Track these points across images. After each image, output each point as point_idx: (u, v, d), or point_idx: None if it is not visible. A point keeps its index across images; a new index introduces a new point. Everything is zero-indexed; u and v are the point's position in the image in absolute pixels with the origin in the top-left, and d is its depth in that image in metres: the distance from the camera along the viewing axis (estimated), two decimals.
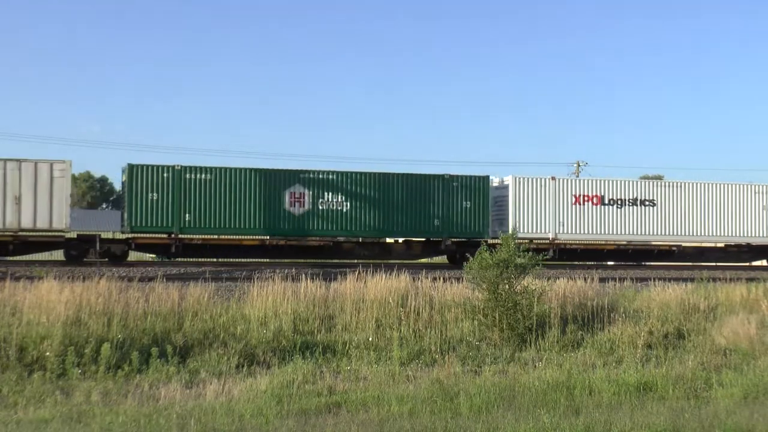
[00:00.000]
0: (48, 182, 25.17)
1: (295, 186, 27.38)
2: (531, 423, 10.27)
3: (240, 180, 26.96)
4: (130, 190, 26.10)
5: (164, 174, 26.30)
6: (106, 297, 15.58)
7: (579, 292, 18.58)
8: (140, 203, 26.10)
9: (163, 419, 10.30)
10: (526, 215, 29.41)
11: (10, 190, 24.87)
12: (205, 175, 26.67)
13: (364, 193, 27.96)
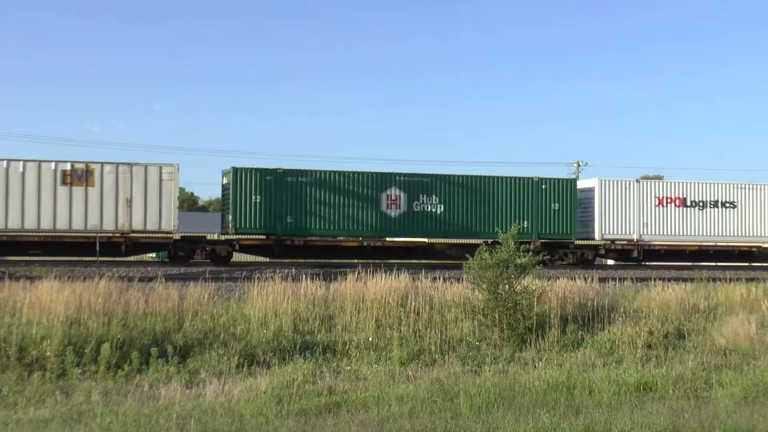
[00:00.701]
0: (157, 185, 25.96)
1: (391, 188, 28.09)
2: (531, 423, 10.28)
3: (339, 183, 27.69)
4: (234, 193, 26.73)
5: (267, 177, 27.02)
6: (106, 297, 15.58)
7: (579, 292, 18.58)
8: (244, 206, 26.77)
9: (163, 419, 10.30)
10: (610, 217, 30.34)
11: (122, 193, 25.66)
12: (305, 178, 27.38)
13: (456, 195, 28.73)
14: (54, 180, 25.07)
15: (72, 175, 25.19)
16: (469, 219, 28.69)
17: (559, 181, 30.01)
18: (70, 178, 25.17)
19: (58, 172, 25.11)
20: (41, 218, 24.88)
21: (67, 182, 25.17)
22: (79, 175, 25.28)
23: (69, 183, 25.17)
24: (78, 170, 25.29)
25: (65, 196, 25.12)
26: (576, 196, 29.97)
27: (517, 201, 29.10)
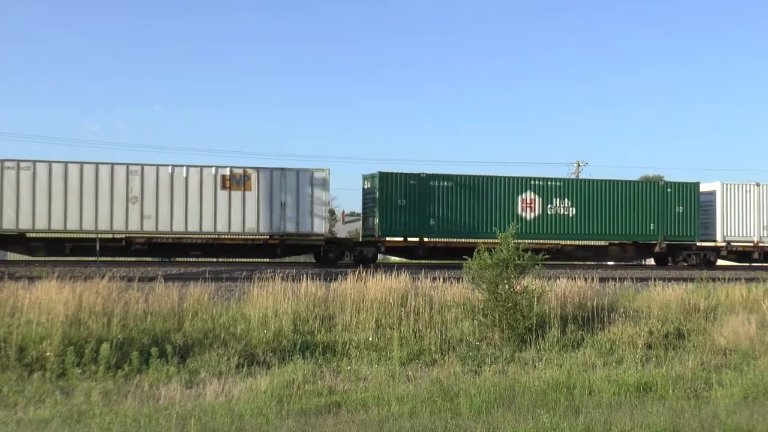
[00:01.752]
0: (309, 190, 27.10)
1: (526, 192, 29.41)
2: (531, 423, 10.28)
3: (478, 187, 29.00)
4: (380, 197, 28.04)
5: (411, 181, 28.30)
6: (106, 297, 15.59)
7: (579, 292, 18.58)
8: (389, 209, 28.05)
9: (163, 419, 10.31)
10: (731, 219, 31.48)
11: (277, 197, 26.86)
12: (447, 183, 28.64)
13: (587, 199, 30.01)
14: (215, 184, 26.34)
15: (231, 180, 26.52)
16: (598, 221, 30.06)
17: (683, 185, 31.28)
18: (229, 183, 26.47)
19: (218, 177, 26.41)
20: (203, 221, 26.16)
21: (226, 187, 26.41)
22: (238, 179, 26.57)
23: (228, 187, 26.42)
24: (236, 175, 26.58)
25: (225, 200, 26.36)
26: (699, 199, 31.19)
27: (644, 204, 30.59)
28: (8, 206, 24.95)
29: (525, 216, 29.14)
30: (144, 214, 25.86)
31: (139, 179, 25.86)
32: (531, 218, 29.29)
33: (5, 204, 24.91)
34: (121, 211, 25.72)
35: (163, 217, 25.96)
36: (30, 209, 25.06)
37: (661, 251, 30.88)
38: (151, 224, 25.99)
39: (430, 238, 28.26)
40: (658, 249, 30.78)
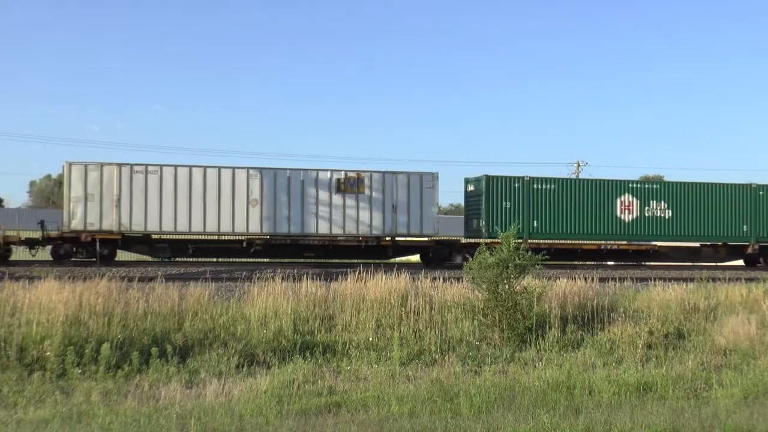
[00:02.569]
0: (419, 192, 28.07)
1: (624, 195, 30.45)
2: (531, 423, 10.27)
3: (578, 189, 30.15)
4: (486, 199, 29.14)
5: (515, 184, 29.49)
6: (106, 297, 15.58)
7: (579, 292, 18.56)
8: (495, 211, 29.16)
9: (163, 419, 10.30)
10: None
11: (388, 200, 27.85)
12: (549, 185, 29.83)
13: (682, 201, 30.90)
14: (330, 188, 27.38)
15: (346, 183, 27.55)
16: (692, 223, 30.89)
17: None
18: (344, 186, 27.53)
19: (333, 181, 27.47)
20: (319, 224, 27.23)
21: (341, 190, 27.50)
22: (352, 183, 27.63)
23: (343, 191, 27.50)
24: (351, 178, 27.64)
25: (340, 203, 27.42)
26: None
27: (737, 206, 31.31)
28: (137, 209, 26.00)
29: (623, 218, 30.31)
30: (263, 216, 26.89)
31: (259, 182, 26.97)
32: (629, 220, 30.35)
33: (134, 207, 25.98)
34: (242, 213, 26.72)
35: (281, 219, 26.99)
36: (157, 212, 26.18)
37: (753, 252, 31.66)
38: (269, 226, 27.00)
39: (534, 239, 29.05)
40: (750, 250, 31.61)
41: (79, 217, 25.71)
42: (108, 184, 25.86)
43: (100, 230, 25.83)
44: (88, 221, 25.71)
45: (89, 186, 25.75)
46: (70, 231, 25.77)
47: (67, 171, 25.90)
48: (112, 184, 25.87)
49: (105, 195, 25.81)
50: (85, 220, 25.71)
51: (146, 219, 26.03)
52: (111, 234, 26.00)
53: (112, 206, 25.82)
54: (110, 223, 25.86)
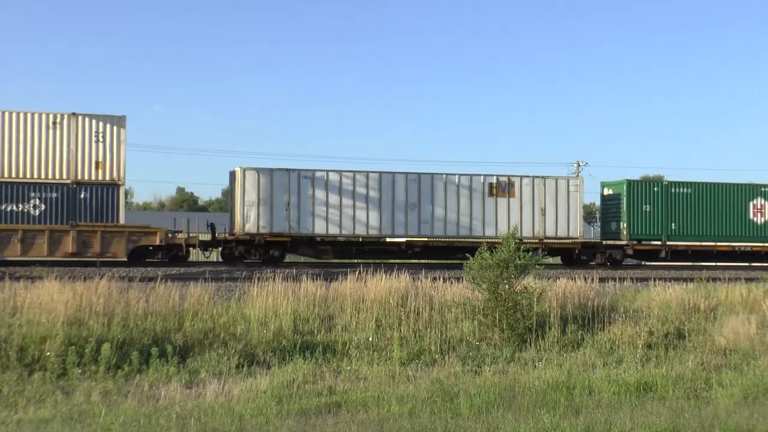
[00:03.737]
0: (565, 196, 29.39)
1: (757, 198, 31.55)
2: (531, 423, 10.27)
3: (713, 193, 31.11)
4: (628, 203, 30.34)
5: (654, 188, 30.95)
6: (106, 297, 15.57)
7: (579, 292, 18.56)
8: (636, 214, 30.29)
9: (163, 419, 10.30)
10: None
11: (537, 203, 29.01)
12: (686, 189, 30.96)
13: None
14: (483, 191, 28.49)
15: (497, 187, 28.71)
16: None
17: None
18: (495, 190, 28.66)
19: (485, 185, 28.62)
20: (473, 226, 28.38)
21: (493, 194, 28.62)
22: (503, 187, 28.80)
23: (495, 194, 28.63)
24: (502, 183, 28.84)
25: (492, 206, 28.57)
26: None
27: None
28: (305, 212, 27.27)
29: (756, 220, 31.37)
30: (421, 219, 28.03)
31: (417, 187, 28.05)
32: (761, 223, 31.41)
33: (302, 210, 27.23)
34: (401, 217, 27.85)
35: (438, 222, 28.14)
36: (324, 215, 27.47)
37: None
38: (427, 229, 28.12)
39: (672, 240, 30.32)
40: None
41: (252, 220, 26.89)
42: (278, 189, 27.14)
43: (271, 233, 27.02)
44: (261, 224, 26.92)
45: (261, 191, 27.00)
46: (244, 233, 26.90)
47: (240, 176, 27.07)
48: (283, 189, 27.16)
49: (276, 199, 27.05)
50: (258, 223, 26.90)
51: (313, 222, 27.38)
52: (281, 236, 27.19)
53: (282, 210, 27.08)
54: (281, 226, 27.12)
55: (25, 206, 24.86)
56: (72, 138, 25.16)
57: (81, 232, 24.95)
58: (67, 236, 24.86)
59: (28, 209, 24.89)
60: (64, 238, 24.85)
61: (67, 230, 24.86)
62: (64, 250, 24.85)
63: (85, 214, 25.17)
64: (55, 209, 25.04)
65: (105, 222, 25.37)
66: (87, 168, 25.33)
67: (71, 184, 25.18)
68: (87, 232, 25.07)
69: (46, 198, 24.98)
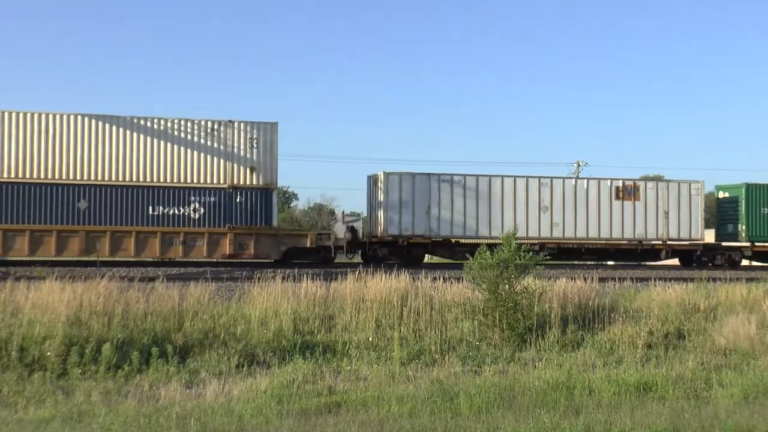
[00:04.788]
0: (687, 199, 30.77)
1: None
2: (531, 423, 10.28)
3: None
4: (746, 206, 31.61)
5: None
6: (106, 297, 15.58)
7: (579, 292, 18.56)
8: (754, 216, 31.55)
9: (163, 419, 10.31)
10: None
11: (661, 207, 30.45)
12: None
13: None
14: (609, 195, 29.96)
15: (623, 191, 30.12)
16: None
17: None
18: (621, 194, 30.10)
19: (612, 189, 30.06)
20: (601, 228, 29.83)
21: (619, 197, 30.08)
22: (629, 190, 30.24)
23: (621, 198, 30.08)
24: (627, 187, 30.31)
25: (618, 209, 30.03)
26: None
27: None
28: (444, 215, 28.61)
29: None
30: (552, 222, 29.46)
31: (549, 190, 29.50)
32: None
33: (441, 213, 28.60)
34: (535, 219, 29.23)
35: (569, 224, 29.54)
36: (462, 217, 28.78)
37: None
38: (558, 231, 29.57)
39: None
40: None
41: (395, 222, 28.21)
42: (419, 193, 28.41)
43: (413, 235, 28.29)
44: (403, 227, 28.22)
45: (404, 194, 28.31)
46: (388, 235, 28.09)
47: (383, 180, 28.35)
48: (424, 193, 28.44)
49: (417, 202, 28.29)
50: (401, 225, 28.18)
51: (451, 224, 28.68)
52: (422, 238, 28.46)
53: (423, 213, 28.34)
54: (422, 228, 28.35)
55: (186, 210, 26.06)
56: (229, 144, 26.43)
57: (237, 235, 26.18)
58: (224, 239, 26.07)
59: (189, 213, 26.09)
60: (222, 240, 26.07)
61: (224, 233, 26.06)
62: (222, 252, 26.13)
63: (240, 218, 26.33)
64: (213, 213, 26.25)
65: (259, 225, 26.53)
66: (242, 173, 26.52)
67: (228, 189, 26.29)
68: (243, 235, 26.25)
69: (205, 202, 26.18)
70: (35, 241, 24.84)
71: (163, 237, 25.64)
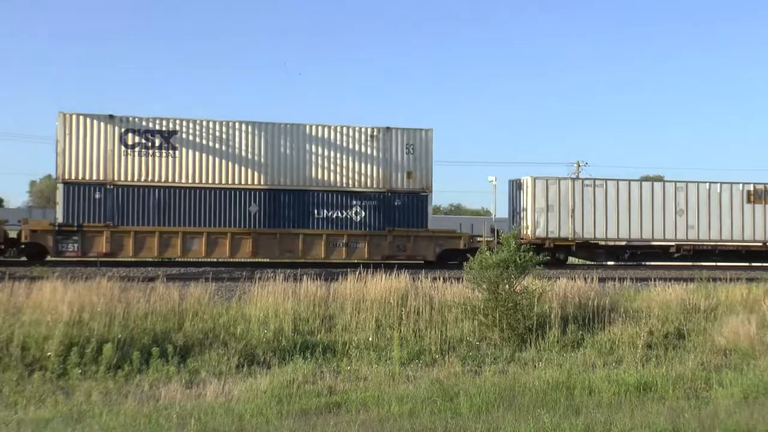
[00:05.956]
0: None
1: None
2: (531, 423, 10.27)
3: None
4: None
5: None
6: (107, 297, 15.57)
7: (579, 292, 18.54)
8: None
9: (163, 419, 10.31)
10: None
11: None
12: None
13: None
14: (741, 199, 31.13)
15: (755, 195, 31.26)
16: None
17: None
18: (753, 197, 31.24)
19: (744, 192, 31.22)
20: (733, 230, 30.97)
21: (750, 200, 31.22)
22: (760, 194, 31.34)
23: (752, 201, 31.23)
24: (759, 190, 31.42)
25: (750, 212, 31.18)
26: None
27: None
28: (587, 218, 29.90)
29: None
30: (688, 224, 30.66)
31: (684, 195, 30.70)
32: None
33: (585, 216, 29.84)
34: (671, 222, 30.53)
35: (703, 227, 30.78)
36: (603, 221, 30.04)
37: None
38: (693, 233, 30.77)
39: None
40: None
41: (542, 225, 29.55)
42: (564, 197, 29.76)
43: (558, 237, 29.61)
44: (549, 229, 29.57)
45: (550, 198, 29.63)
46: (535, 238, 29.11)
47: (530, 185, 29.70)
48: (568, 197, 29.78)
49: (561, 206, 29.69)
50: (547, 228, 29.54)
51: (594, 226, 29.92)
52: (566, 241, 29.70)
53: (567, 216, 29.71)
54: (566, 231, 29.74)
55: (348, 213, 27.53)
56: (387, 150, 27.84)
57: (396, 237, 27.64)
58: (384, 241, 27.52)
59: (351, 216, 27.55)
60: (382, 242, 27.52)
61: (384, 235, 27.53)
62: (382, 253, 27.42)
63: (398, 220, 27.74)
64: (373, 216, 27.69)
65: (417, 228, 27.89)
66: (399, 178, 27.98)
67: (387, 193, 27.82)
68: (401, 237, 27.71)
69: (365, 205, 27.66)
70: (211, 243, 26.22)
71: (328, 239, 27.03)
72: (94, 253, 25.40)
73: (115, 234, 25.54)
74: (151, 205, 25.98)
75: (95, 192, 25.68)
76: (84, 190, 25.62)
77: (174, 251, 26.04)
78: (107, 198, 25.71)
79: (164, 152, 26.20)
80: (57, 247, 25.32)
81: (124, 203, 25.84)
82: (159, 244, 25.79)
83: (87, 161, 25.70)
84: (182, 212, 26.21)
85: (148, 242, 25.76)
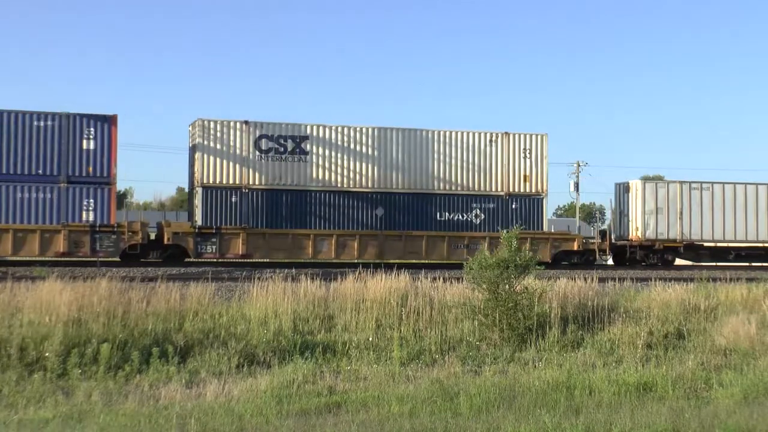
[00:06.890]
0: None
1: None
2: (531, 423, 10.27)
3: None
4: None
5: None
6: (107, 297, 15.55)
7: (579, 292, 18.54)
8: None
9: (163, 419, 10.31)
10: None
11: None
12: None
13: None
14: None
15: None
16: None
17: None
18: None
19: None
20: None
21: None
22: None
23: None
24: None
25: None
26: None
27: None
28: (694, 220, 30.66)
29: None
30: None
31: None
32: None
33: (693, 218, 30.64)
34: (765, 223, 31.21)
35: None
36: (710, 222, 30.81)
37: None
38: None
39: None
40: None
41: (651, 227, 30.40)
42: (672, 199, 30.59)
43: (667, 239, 30.46)
44: (659, 231, 30.41)
45: (659, 201, 30.48)
46: (646, 240, 30.26)
47: (639, 188, 30.60)
48: (676, 199, 30.60)
49: (669, 209, 30.51)
50: (656, 230, 30.38)
51: (701, 228, 30.71)
52: (674, 242, 30.54)
53: (675, 218, 30.53)
54: (673, 232, 30.55)
55: (468, 216, 28.48)
56: (505, 154, 28.72)
57: None
58: None
59: (471, 218, 28.49)
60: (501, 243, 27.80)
61: None
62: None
63: (515, 223, 27.22)
64: (492, 218, 28.52)
65: (533, 230, 28.57)
66: (517, 181, 28.83)
67: (504, 196, 28.66)
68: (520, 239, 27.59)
69: (485, 208, 28.57)
70: (340, 245, 27.14)
71: (450, 241, 27.93)
72: (231, 254, 26.29)
73: (251, 236, 26.43)
74: (284, 209, 26.95)
75: (231, 195, 26.58)
76: (221, 194, 26.56)
77: (305, 253, 26.89)
78: (242, 201, 26.61)
79: (295, 157, 27.13)
80: (197, 249, 26.16)
81: (258, 206, 26.74)
82: (292, 246, 26.77)
83: (224, 166, 26.63)
84: (313, 215, 27.19)
85: (281, 244, 26.71)
